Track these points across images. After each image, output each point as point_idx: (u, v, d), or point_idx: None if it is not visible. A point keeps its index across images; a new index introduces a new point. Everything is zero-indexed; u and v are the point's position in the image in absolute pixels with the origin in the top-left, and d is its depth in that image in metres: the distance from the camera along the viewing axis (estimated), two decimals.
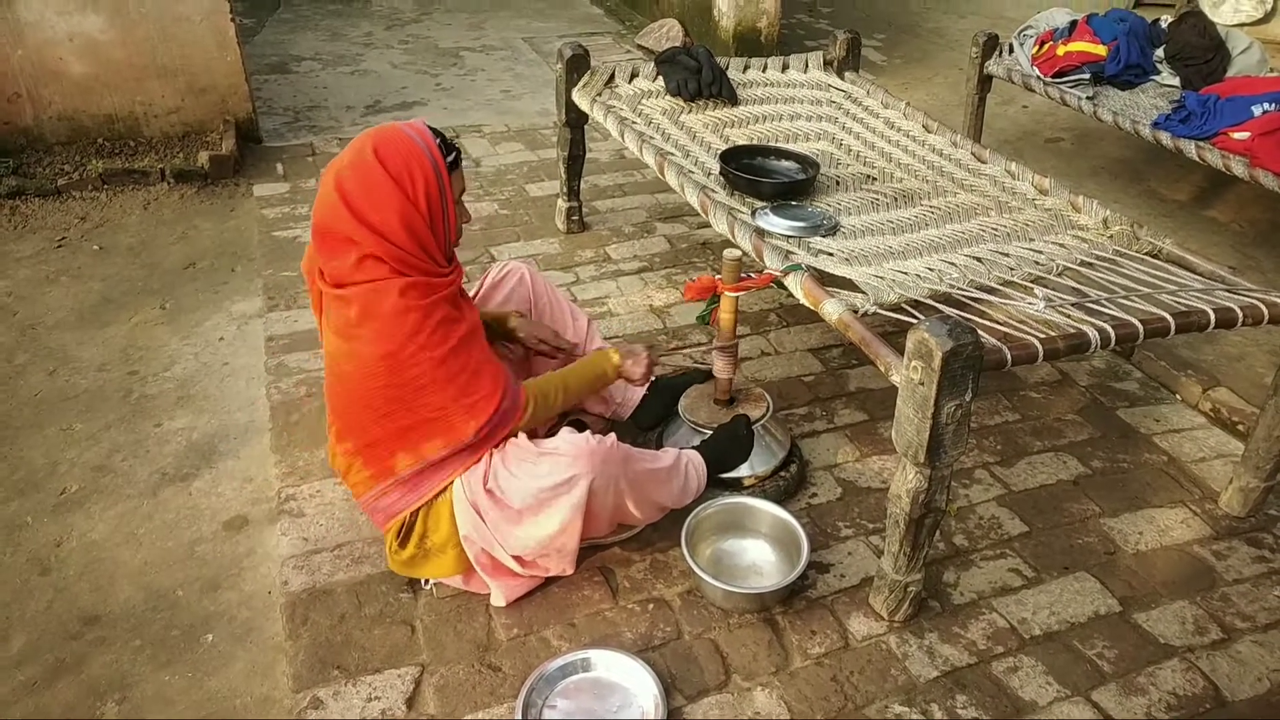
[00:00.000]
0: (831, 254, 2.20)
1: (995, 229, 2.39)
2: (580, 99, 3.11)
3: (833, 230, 2.33)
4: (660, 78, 3.15)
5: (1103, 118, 3.54)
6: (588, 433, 1.89)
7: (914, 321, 1.74)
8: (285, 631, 1.91)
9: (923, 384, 1.61)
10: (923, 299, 1.98)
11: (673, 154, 2.71)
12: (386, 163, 1.72)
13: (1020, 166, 2.71)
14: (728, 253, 2.15)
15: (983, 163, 2.80)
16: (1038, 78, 3.81)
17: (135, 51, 3.94)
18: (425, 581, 2.00)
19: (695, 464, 2.09)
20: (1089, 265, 2.19)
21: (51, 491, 2.29)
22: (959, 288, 2.03)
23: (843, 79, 3.37)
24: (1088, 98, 3.62)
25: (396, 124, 1.79)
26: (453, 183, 1.81)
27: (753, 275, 2.15)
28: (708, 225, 2.80)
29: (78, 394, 2.64)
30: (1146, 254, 2.28)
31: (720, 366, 2.29)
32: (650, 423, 2.39)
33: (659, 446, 2.26)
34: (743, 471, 2.21)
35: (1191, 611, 2.01)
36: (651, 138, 2.81)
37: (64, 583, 2.04)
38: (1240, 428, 2.56)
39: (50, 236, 3.47)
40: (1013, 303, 1.96)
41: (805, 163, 2.64)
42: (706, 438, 2.22)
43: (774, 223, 2.32)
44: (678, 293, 3.17)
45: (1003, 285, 2.06)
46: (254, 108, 4.26)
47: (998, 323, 1.87)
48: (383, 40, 5.95)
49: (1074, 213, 2.49)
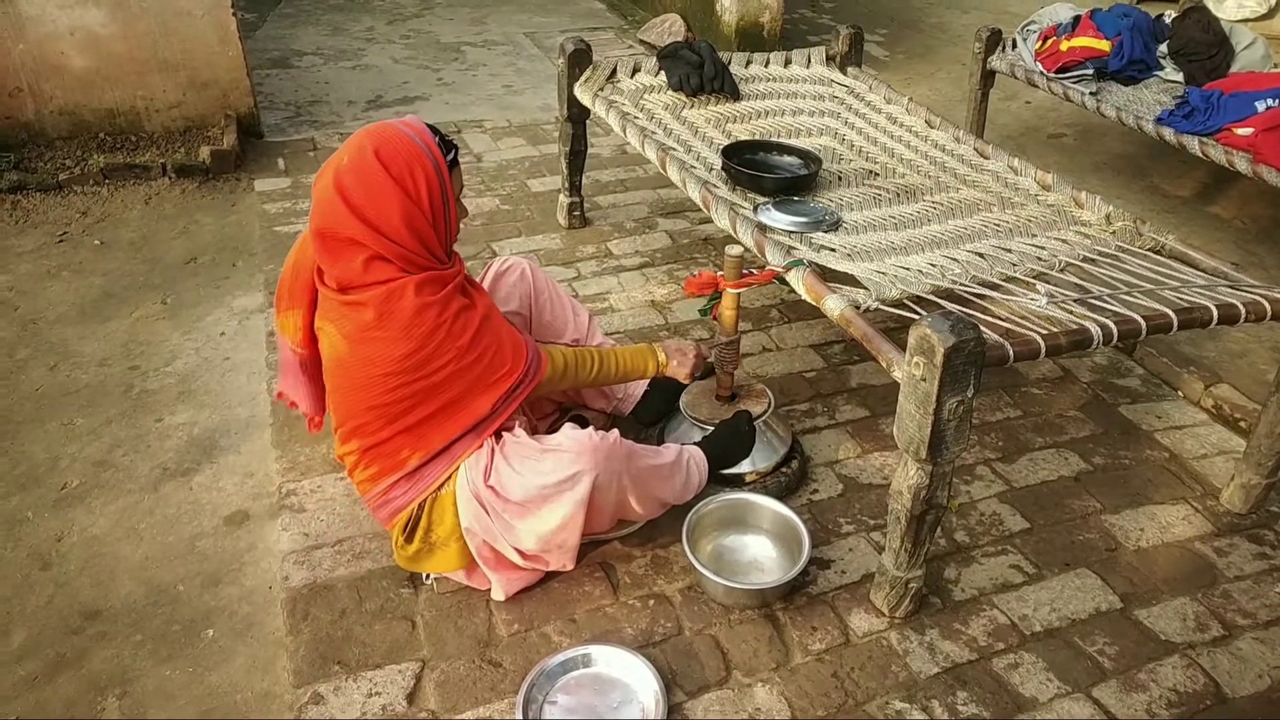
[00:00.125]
0: (833, 249, 2.20)
1: (998, 225, 2.38)
2: (582, 94, 3.10)
3: (835, 226, 2.33)
4: (662, 73, 3.14)
5: (1106, 113, 3.53)
6: (590, 429, 1.89)
7: (916, 317, 1.73)
8: (286, 627, 1.91)
9: (924, 380, 1.61)
10: (925, 295, 1.97)
11: (674, 149, 2.70)
12: (388, 164, 1.71)
13: (1023, 162, 2.71)
14: (730, 249, 2.14)
15: (985, 158, 2.79)
16: (1041, 73, 3.80)
17: (136, 46, 3.93)
18: (426, 577, 2.00)
19: (697, 460, 2.09)
20: (1091, 261, 2.19)
21: (52, 486, 2.29)
22: (961, 283, 2.03)
23: (845, 74, 3.36)
24: (1091, 93, 3.61)
25: (393, 123, 1.77)
26: (452, 181, 1.81)
27: (754, 271, 2.15)
28: (709, 220, 2.80)
29: (79, 389, 2.64)
30: (1149, 250, 2.27)
31: (722, 362, 2.29)
32: (651, 418, 2.38)
33: (660, 442, 2.25)
34: (744, 467, 2.21)
35: (1192, 608, 2.01)
36: (653, 133, 2.80)
37: (65, 578, 2.04)
38: (1242, 424, 2.56)
39: (51, 231, 3.47)
40: (1015, 299, 1.96)
41: (807, 158, 2.63)
42: (708, 434, 2.22)
43: (776, 218, 2.31)
44: (679, 288, 3.16)
45: (1005, 281, 2.06)
46: (255, 102, 4.25)
47: (1000, 319, 1.87)
48: (384, 35, 5.94)
49: (1077, 208, 2.49)
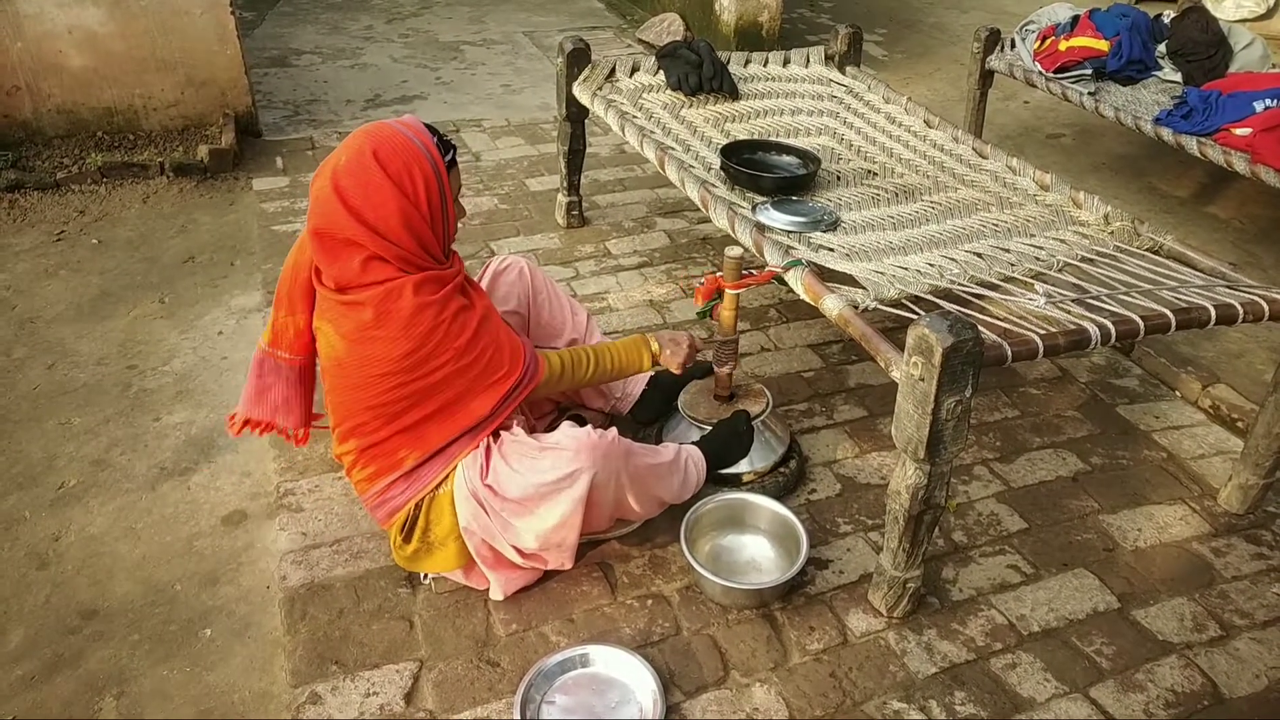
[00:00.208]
0: (832, 249, 2.20)
1: (996, 225, 2.39)
2: (581, 93, 3.10)
3: (833, 225, 2.33)
4: (661, 72, 3.14)
5: (1104, 113, 3.53)
6: (589, 427, 1.88)
7: (914, 317, 1.73)
8: (283, 626, 1.91)
9: (923, 380, 1.61)
10: (923, 295, 1.97)
11: (673, 148, 2.70)
12: (386, 164, 1.71)
13: (1021, 162, 2.71)
14: (729, 251, 2.14)
15: (984, 158, 2.79)
16: (1039, 73, 3.80)
17: (135, 44, 3.93)
18: (424, 576, 2.00)
19: (695, 459, 2.09)
20: (1090, 261, 2.19)
21: (50, 486, 2.29)
22: (959, 283, 2.03)
23: (844, 74, 3.36)
24: (1089, 93, 3.61)
25: (391, 123, 1.76)
26: (450, 180, 1.80)
27: (754, 272, 2.15)
28: (708, 220, 2.80)
29: (76, 388, 2.63)
30: (1147, 250, 2.28)
31: (720, 362, 2.28)
32: (649, 418, 2.38)
33: (658, 442, 2.25)
34: (742, 467, 2.21)
35: (1190, 608, 2.01)
36: (652, 132, 2.80)
37: (62, 577, 2.04)
38: (1240, 425, 2.56)
39: (49, 230, 3.46)
40: (1013, 299, 1.96)
41: (806, 158, 2.63)
42: (706, 433, 2.22)
43: (774, 218, 2.31)
44: (677, 288, 3.16)
45: (1003, 281, 2.06)
46: (253, 101, 4.24)
47: (998, 319, 1.87)
48: (383, 34, 5.94)
49: (1075, 208, 2.49)
